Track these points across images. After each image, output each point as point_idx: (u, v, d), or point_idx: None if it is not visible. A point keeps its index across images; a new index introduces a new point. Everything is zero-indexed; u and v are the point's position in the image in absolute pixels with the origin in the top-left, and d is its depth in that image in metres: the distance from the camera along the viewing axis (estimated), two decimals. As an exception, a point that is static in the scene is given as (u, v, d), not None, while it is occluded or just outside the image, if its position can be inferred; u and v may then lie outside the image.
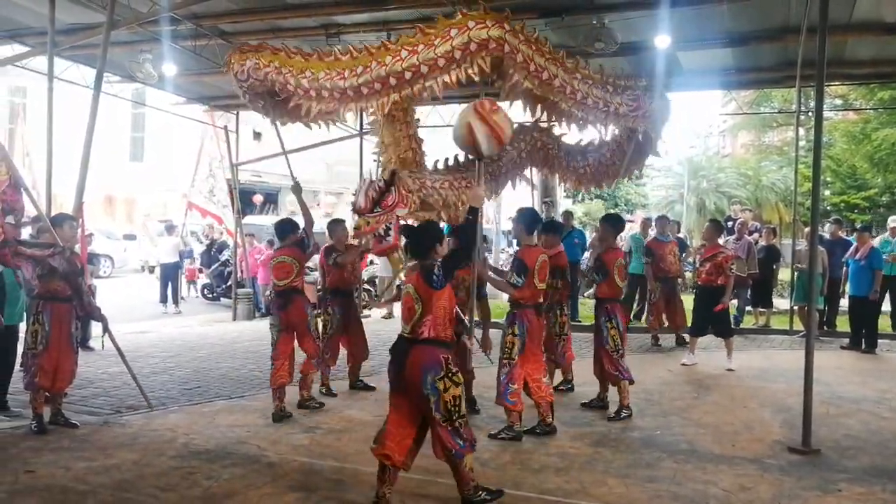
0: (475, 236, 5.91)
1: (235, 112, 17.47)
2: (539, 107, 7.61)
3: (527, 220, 7.24)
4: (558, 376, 8.92)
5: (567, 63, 7.08)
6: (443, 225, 7.36)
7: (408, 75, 6.58)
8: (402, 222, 7.44)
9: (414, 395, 5.23)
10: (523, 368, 7.07)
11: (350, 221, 8.70)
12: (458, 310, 6.55)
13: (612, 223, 8.62)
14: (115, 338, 8.16)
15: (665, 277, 12.16)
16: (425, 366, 5.16)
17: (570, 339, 8.87)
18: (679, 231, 15.24)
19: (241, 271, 17.22)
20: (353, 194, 7.34)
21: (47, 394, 7.39)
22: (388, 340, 6.38)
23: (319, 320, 9.01)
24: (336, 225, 9.37)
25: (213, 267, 19.98)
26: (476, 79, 6.85)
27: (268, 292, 17.15)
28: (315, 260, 9.85)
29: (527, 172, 9.30)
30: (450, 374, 5.18)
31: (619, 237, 9.34)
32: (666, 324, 12.43)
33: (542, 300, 7.38)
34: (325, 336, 8.86)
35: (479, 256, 7.07)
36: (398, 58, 6.54)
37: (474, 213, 5.69)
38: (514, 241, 17.22)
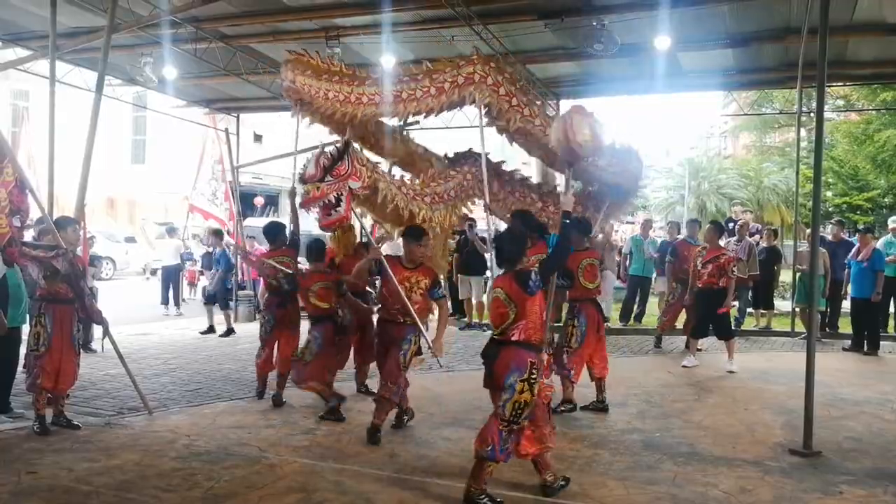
0: (569, 242, 5.97)
1: (236, 115, 17.50)
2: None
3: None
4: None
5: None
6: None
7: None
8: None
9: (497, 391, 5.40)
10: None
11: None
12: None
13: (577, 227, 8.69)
14: (115, 341, 8.15)
15: (686, 280, 11.85)
16: (512, 365, 5.29)
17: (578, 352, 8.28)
18: (679, 232, 15.19)
19: (242, 273, 17.21)
20: (304, 166, 7.35)
21: (49, 395, 7.40)
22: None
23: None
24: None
25: (212, 269, 19.94)
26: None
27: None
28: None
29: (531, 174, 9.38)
30: (530, 379, 5.28)
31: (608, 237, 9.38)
32: (678, 327, 12.38)
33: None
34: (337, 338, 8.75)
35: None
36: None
37: (567, 215, 5.73)
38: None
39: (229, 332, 14.09)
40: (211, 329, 14.29)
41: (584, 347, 8.12)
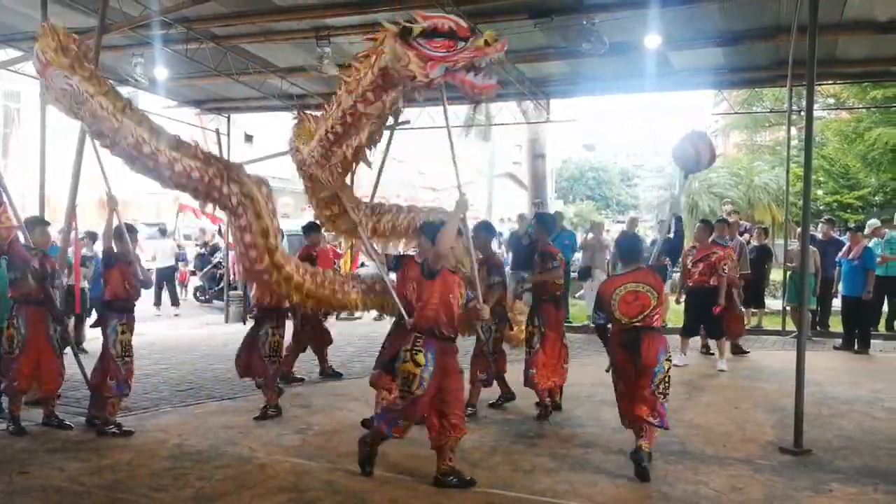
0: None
1: (227, 115, 17.47)
2: None
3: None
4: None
5: None
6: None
7: None
8: None
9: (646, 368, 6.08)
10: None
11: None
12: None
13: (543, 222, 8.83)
14: (73, 342, 8.22)
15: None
16: (660, 347, 6.12)
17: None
18: (669, 232, 15.19)
19: (234, 273, 17.20)
20: None
21: (38, 398, 7.40)
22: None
23: None
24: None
25: (205, 269, 19.96)
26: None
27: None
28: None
29: (522, 176, 9.36)
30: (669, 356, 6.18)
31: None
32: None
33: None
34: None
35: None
36: None
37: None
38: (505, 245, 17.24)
39: None
40: None
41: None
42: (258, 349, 8.16)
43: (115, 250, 7.49)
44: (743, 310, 13.01)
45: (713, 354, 11.33)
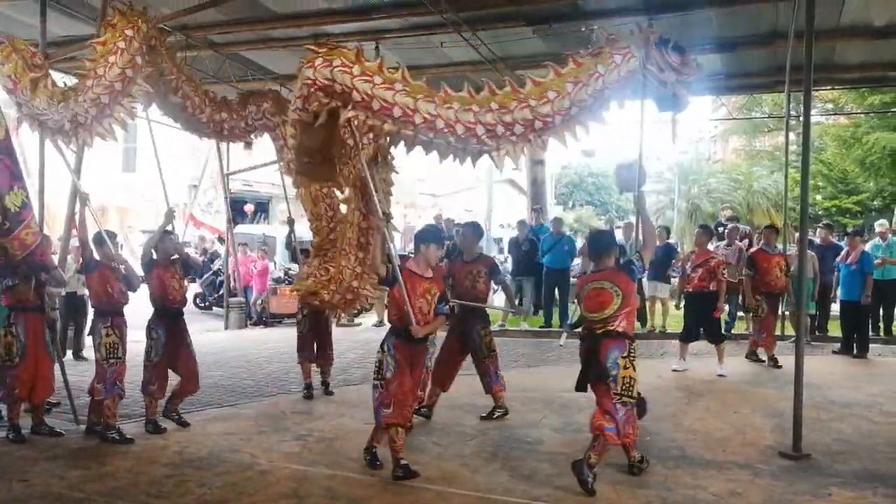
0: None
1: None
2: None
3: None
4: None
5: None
6: None
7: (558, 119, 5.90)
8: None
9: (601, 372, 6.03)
10: None
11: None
12: None
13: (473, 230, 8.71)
14: (59, 353, 8.28)
15: (770, 293, 11.46)
16: (613, 348, 6.03)
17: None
18: (669, 237, 15.22)
19: (234, 280, 17.21)
20: None
21: (27, 405, 7.43)
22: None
23: None
24: None
25: (204, 276, 19.95)
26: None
27: (259, 301, 17.20)
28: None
29: (521, 182, 9.39)
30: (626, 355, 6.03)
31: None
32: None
33: None
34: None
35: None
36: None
37: None
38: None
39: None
40: None
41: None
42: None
43: (97, 256, 7.51)
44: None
45: (763, 361, 11.35)
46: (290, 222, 10.66)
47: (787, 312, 13.86)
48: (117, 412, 7.36)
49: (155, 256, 7.75)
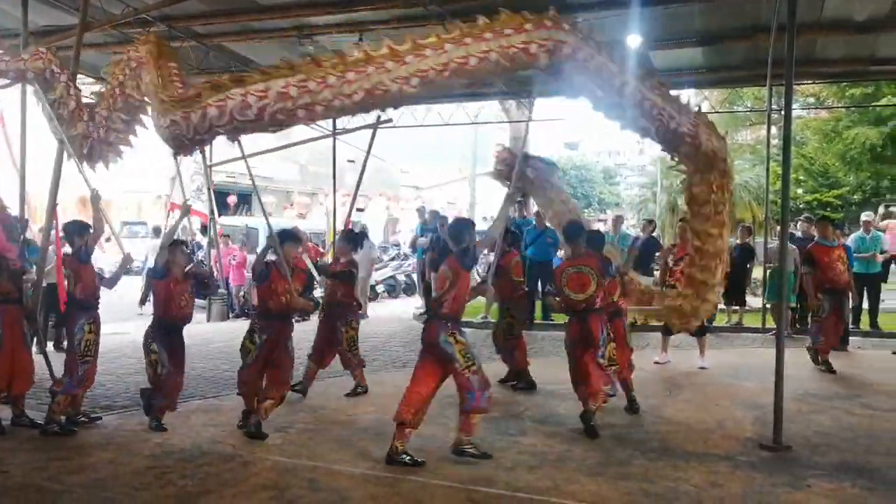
0: None
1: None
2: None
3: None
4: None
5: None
6: None
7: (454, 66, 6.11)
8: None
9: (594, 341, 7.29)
10: None
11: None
12: None
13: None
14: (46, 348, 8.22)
15: (833, 290, 10.62)
16: (601, 324, 7.37)
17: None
18: (654, 230, 15.27)
19: (216, 272, 17.12)
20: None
21: (5, 397, 7.38)
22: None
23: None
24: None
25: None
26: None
27: (242, 293, 17.14)
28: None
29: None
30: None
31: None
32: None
33: None
34: None
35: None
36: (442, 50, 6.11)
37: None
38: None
39: None
40: None
41: None
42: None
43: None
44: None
45: (834, 372, 10.31)
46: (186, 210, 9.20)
47: (767, 305, 13.96)
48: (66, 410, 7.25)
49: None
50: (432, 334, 6.33)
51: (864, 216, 14.32)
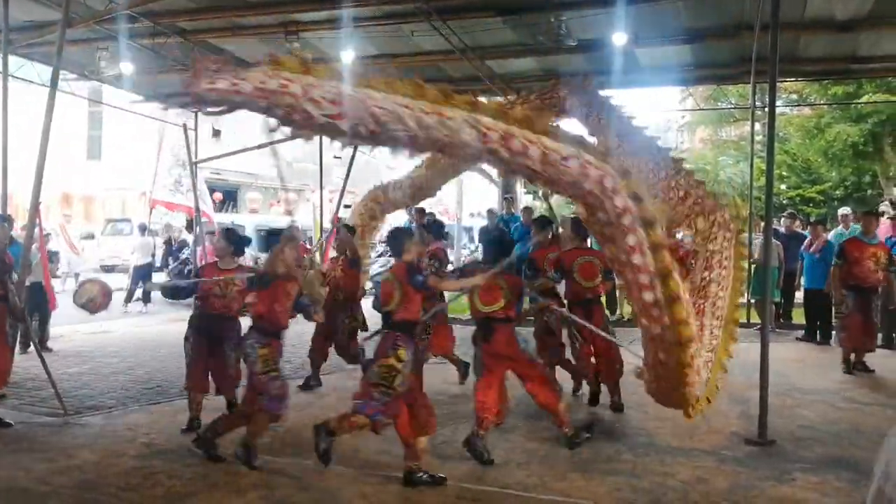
0: None
1: (194, 110, 17.33)
2: None
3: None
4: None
5: None
6: None
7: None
8: None
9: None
10: None
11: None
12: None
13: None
14: (37, 343, 8.20)
15: (859, 287, 10.20)
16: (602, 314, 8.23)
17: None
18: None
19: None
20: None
21: None
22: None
23: None
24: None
25: (171, 266, 19.76)
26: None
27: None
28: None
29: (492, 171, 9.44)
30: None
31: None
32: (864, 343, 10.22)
33: None
34: None
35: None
36: None
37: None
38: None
39: None
40: None
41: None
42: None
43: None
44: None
45: (873, 370, 10.09)
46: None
47: (751, 300, 14.03)
48: None
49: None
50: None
51: (842, 211, 14.42)
